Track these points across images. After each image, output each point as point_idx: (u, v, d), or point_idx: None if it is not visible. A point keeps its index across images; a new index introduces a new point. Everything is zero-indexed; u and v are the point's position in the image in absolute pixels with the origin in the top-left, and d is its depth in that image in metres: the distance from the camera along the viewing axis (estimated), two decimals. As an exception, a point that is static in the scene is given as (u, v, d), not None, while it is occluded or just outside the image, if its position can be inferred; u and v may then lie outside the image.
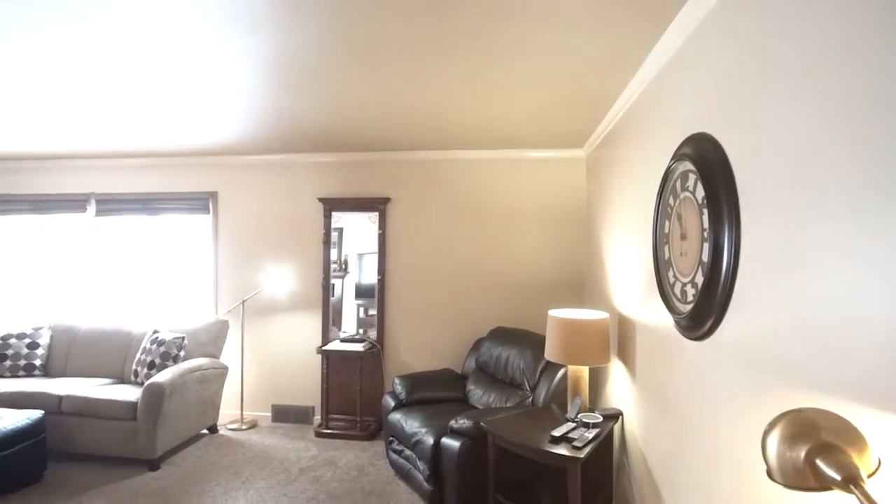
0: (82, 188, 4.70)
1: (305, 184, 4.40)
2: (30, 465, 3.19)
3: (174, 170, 4.57)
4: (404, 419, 3.23)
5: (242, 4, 1.75)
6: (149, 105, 2.94)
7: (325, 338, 4.33)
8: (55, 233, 4.86)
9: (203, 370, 3.86)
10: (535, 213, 4.10)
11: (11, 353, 4.02)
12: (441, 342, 4.18)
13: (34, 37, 2.01)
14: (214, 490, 3.17)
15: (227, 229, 4.52)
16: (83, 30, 1.95)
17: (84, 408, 3.48)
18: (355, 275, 4.45)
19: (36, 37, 2.01)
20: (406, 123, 3.33)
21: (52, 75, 2.46)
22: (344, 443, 3.93)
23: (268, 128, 3.46)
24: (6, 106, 2.97)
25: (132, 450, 3.42)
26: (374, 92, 2.68)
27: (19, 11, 1.80)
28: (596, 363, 2.63)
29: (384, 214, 4.27)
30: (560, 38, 2.00)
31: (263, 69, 2.36)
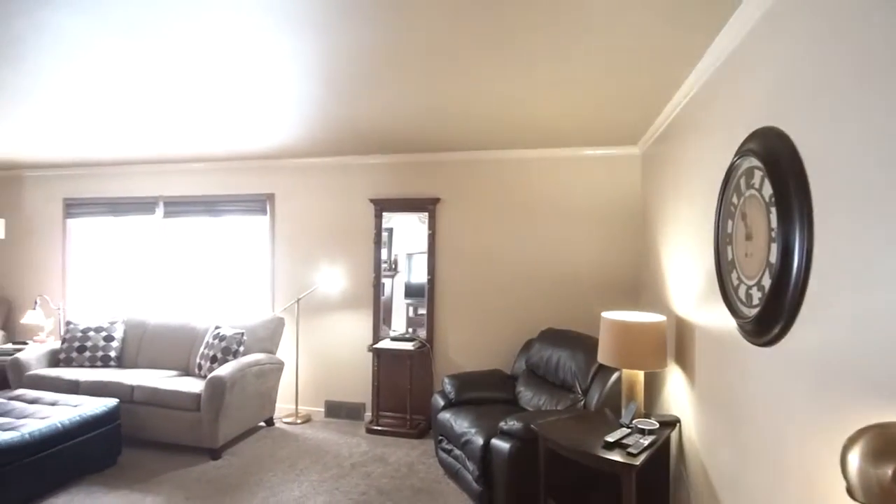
0: (152, 192, 5.01)
1: (357, 185, 4.49)
2: (106, 450, 3.42)
3: (234, 173, 4.78)
4: (454, 419, 3.24)
5: (297, 14, 1.81)
6: (211, 113, 3.09)
7: (375, 336, 4.40)
8: (128, 233, 5.20)
9: (261, 365, 4.02)
10: (587, 213, 4.00)
11: (90, 345, 4.33)
12: (490, 342, 4.17)
13: (110, 50, 2.15)
14: (271, 481, 3.29)
15: (283, 230, 4.69)
16: (154, 43, 2.07)
17: (153, 398, 3.71)
18: (405, 274, 4.51)
19: (111, 49, 2.15)
20: (456, 124, 3.33)
21: (126, 87, 2.62)
22: (394, 440, 3.99)
23: (321, 131, 3.56)
24: (87, 117, 3.20)
25: (196, 439, 3.61)
26: (424, 93, 2.70)
27: (96, 25, 1.93)
28: (652, 367, 2.54)
29: (434, 215, 4.29)
30: (617, 31, 1.94)
31: (316, 74, 2.43)
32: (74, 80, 2.53)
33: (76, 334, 4.37)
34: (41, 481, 3.02)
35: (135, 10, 1.80)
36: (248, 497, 3.07)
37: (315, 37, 2.00)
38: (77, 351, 4.30)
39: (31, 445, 2.93)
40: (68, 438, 3.15)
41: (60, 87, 2.66)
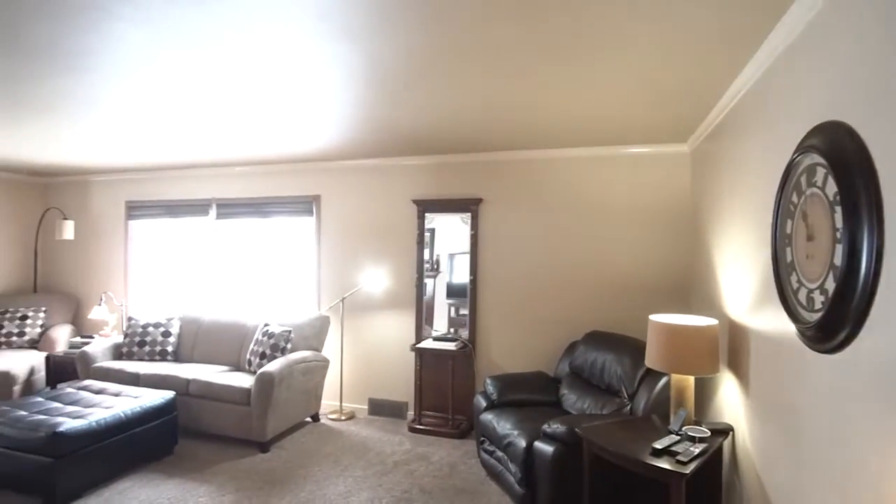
0: (206, 194, 5.23)
1: (400, 186, 4.54)
2: (164, 439, 3.60)
3: (282, 176, 4.93)
4: (496, 420, 3.22)
5: (344, 21, 1.84)
6: (261, 117, 3.20)
7: (418, 335, 4.44)
8: (184, 234, 5.45)
9: (307, 362, 4.13)
10: (633, 212, 3.90)
11: (150, 340, 4.57)
12: (533, 344, 4.13)
13: (170, 60, 2.26)
14: (317, 475, 3.38)
15: (328, 230, 4.80)
16: (210, 54, 2.16)
17: (207, 391, 3.87)
18: (446, 275, 4.53)
19: (171, 60, 2.26)
20: (499, 123, 3.32)
21: (183, 95, 2.75)
22: (436, 439, 4.01)
23: (364, 133, 3.62)
24: (147, 124, 3.38)
25: (246, 432, 3.75)
26: (466, 94, 2.70)
27: (158, 37, 2.04)
28: (703, 373, 2.44)
29: (476, 215, 4.29)
30: (667, 22, 1.88)
31: (360, 78, 2.47)
32: (137, 89, 2.68)
33: (137, 330, 4.62)
34: (106, 467, 3.21)
35: (193, 23, 1.88)
36: (296, 490, 3.16)
37: (358, 41, 2.04)
38: (138, 345, 4.55)
39: (98, 433, 3.12)
40: (130, 427, 3.33)
41: (124, 97, 2.82)
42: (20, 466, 2.98)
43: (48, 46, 2.12)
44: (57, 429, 2.94)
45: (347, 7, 1.75)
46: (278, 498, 3.07)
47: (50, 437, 2.90)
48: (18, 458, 2.98)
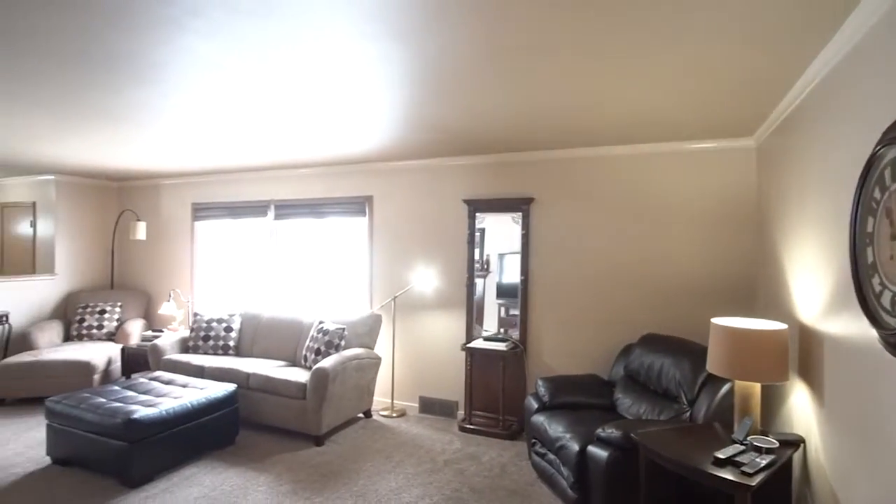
0: (265, 196, 5.46)
1: (451, 186, 4.56)
2: (226, 430, 3.78)
3: (336, 177, 5.07)
4: (548, 422, 3.18)
5: (395, 21, 1.87)
6: (316, 121, 3.29)
7: (468, 335, 4.45)
8: (244, 234, 5.70)
9: (360, 359, 4.22)
10: (693, 211, 3.74)
11: (213, 335, 4.81)
12: (586, 346, 4.04)
13: (233, 69, 2.37)
14: (369, 470, 3.45)
15: (380, 230, 4.89)
16: (270, 61, 2.25)
17: (266, 385, 4.03)
18: (496, 274, 4.51)
19: (234, 69, 2.37)
20: (552, 121, 3.27)
21: (244, 102, 2.88)
22: (486, 439, 4.00)
23: (416, 134, 3.66)
24: (211, 130, 3.56)
25: (302, 425, 3.87)
26: (518, 92, 2.67)
27: (224, 48, 2.14)
28: (770, 380, 2.31)
29: (528, 214, 4.24)
30: (731, 12, 1.79)
31: (412, 78, 2.49)
32: (202, 98, 2.83)
33: (202, 325, 4.87)
34: (174, 453, 3.41)
35: (255, 32, 1.96)
36: (349, 484, 3.24)
37: (409, 42, 2.06)
38: (202, 340, 4.80)
39: (168, 421, 3.32)
40: (196, 417, 3.52)
41: (190, 105, 2.98)
42: (101, 449, 3.21)
43: (125, 59, 2.27)
44: (132, 416, 3.15)
45: (399, 7, 1.78)
46: (333, 491, 3.15)
47: (126, 423, 3.11)
48: (99, 442, 3.22)
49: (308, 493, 3.12)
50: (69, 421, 3.36)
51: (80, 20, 1.87)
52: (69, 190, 6.07)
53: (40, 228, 6.12)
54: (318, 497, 3.07)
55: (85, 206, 6.23)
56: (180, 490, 3.13)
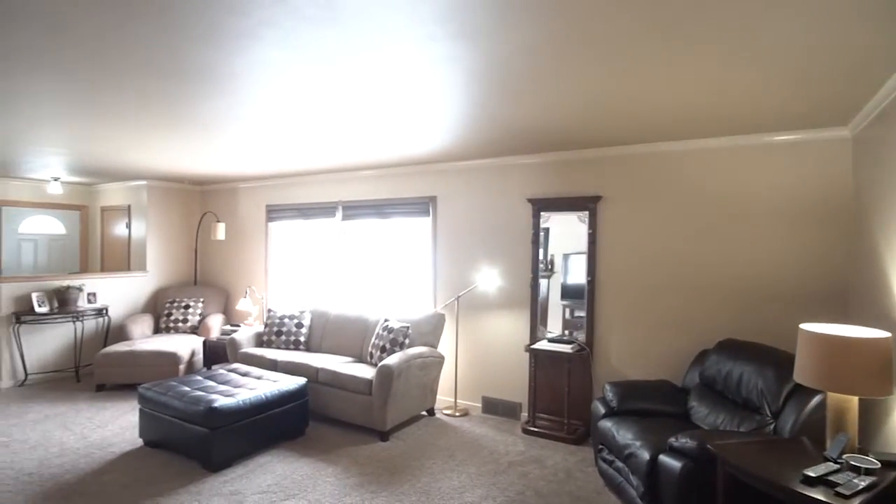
0: (332, 197, 5.65)
1: (514, 185, 4.51)
2: (297, 422, 3.95)
3: (400, 178, 5.16)
4: (616, 428, 3.06)
5: (462, 21, 1.86)
6: (381, 122, 3.36)
7: (532, 336, 4.38)
8: (314, 234, 5.93)
9: (424, 357, 4.27)
10: (777, 208, 3.47)
11: (285, 331, 5.04)
12: (657, 350, 3.86)
13: (303, 76, 2.47)
14: (432, 467, 3.47)
15: (444, 230, 4.92)
16: (337, 66, 2.32)
17: (333, 380, 4.17)
18: (561, 275, 4.40)
19: (304, 75, 2.46)
20: (620, 116, 3.15)
21: (313, 107, 2.99)
22: (550, 443, 3.92)
23: (480, 133, 3.64)
24: (283, 135, 3.73)
25: (368, 420, 3.97)
26: (585, 87, 2.59)
27: (294, 56, 2.23)
28: (870, 394, 2.09)
29: (595, 213, 4.11)
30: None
31: (477, 77, 2.48)
32: (273, 105, 2.96)
33: (275, 320, 5.12)
34: (250, 441, 3.60)
35: (323, 38, 2.03)
36: (412, 480, 3.28)
37: (476, 40, 2.05)
38: (275, 335, 5.04)
39: (244, 410, 3.51)
40: (270, 408, 3.70)
41: (262, 112, 3.13)
42: (185, 434, 3.45)
43: (206, 71, 2.42)
44: (212, 404, 3.37)
45: (466, 8, 1.77)
46: (397, 486, 3.20)
47: (207, 411, 3.33)
48: (184, 427, 3.46)
49: (374, 486, 3.20)
50: (158, 407, 3.63)
51: (164, 36, 2.01)
52: (158, 194, 6.58)
53: (134, 229, 6.68)
54: (384, 492, 3.13)
55: (172, 209, 6.74)
56: (255, 476, 3.31)
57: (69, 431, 4.06)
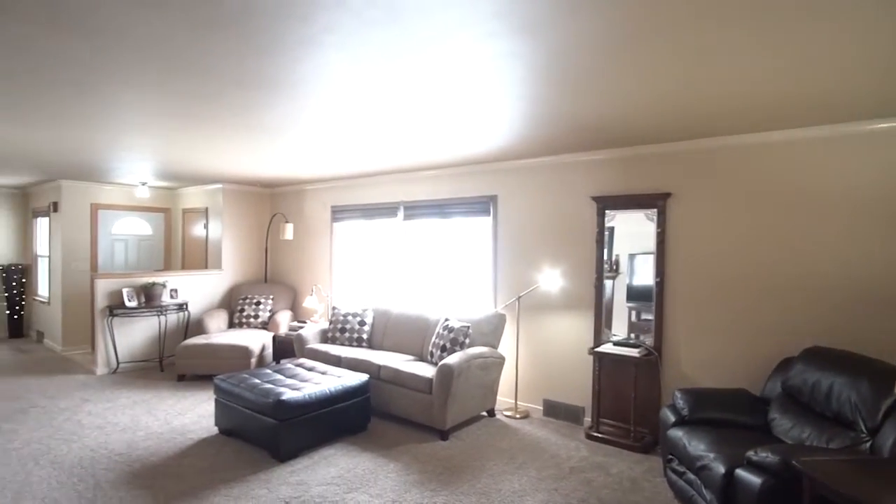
0: (394, 198, 5.74)
1: (578, 183, 4.39)
2: (359, 417, 4.03)
3: (461, 178, 5.15)
4: (687, 438, 2.90)
5: (522, 15, 1.82)
6: (441, 122, 3.36)
7: (596, 339, 4.24)
8: (376, 234, 6.06)
9: (484, 358, 4.24)
10: (872, 204, 3.14)
11: (349, 328, 5.18)
12: (732, 357, 3.62)
13: (363, 79, 2.51)
14: (492, 469, 3.44)
15: (504, 229, 4.87)
16: (397, 67, 2.34)
17: (395, 378, 4.23)
18: (626, 276, 4.23)
19: (364, 78, 2.50)
20: (692, 108, 2.97)
21: (374, 109, 3.03)
22: (615, 450, 3.78)
23: (542, 130, 3.56)
24: (343, 138, 3.82)
25: (428, 418, 3.99)
26: (657, 78, 2.46)
27: (354, 58, 2.27)
28: None
29: (664, 211, 3.92)
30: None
31: (539, 73, 2.42)
32: (336, 108, 3.03)
33: (339, 318, 5.27)
34: (314, 434, 3.71)
35: (382, 39, 2.04)
36: (472, 481, 3.26)
37: (537, 35, 1.99)
38: (339, 332, 5.19)
39: (310, 404, 3.64)
40: (334, 403, 3.81)
41: (326, 116, 3.21)
42: (256, 425, 3.62)
43: (271, 78, 2.51)
44: (281, 397, 3.51)
45: (526, 0, 1.72)
46: (457, 486, 3.20)
47: (276, 403, 3.47)
48: (255, 418, 3.63)
49: (434, 484, 3.21)
50: (231, 398, 3.83)
51: (233, 47, 2.10)
52: (233, 196, 6.97)
53: (211, 230, 7.11)
54: (444, 490, 3.13)
55: (245, 210, 7.12)
56: (320, 468, 3.41)
57: (154, 417, 4.38)
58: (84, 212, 7.05)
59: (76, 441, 3.82)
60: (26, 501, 2.94)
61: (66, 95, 2.84)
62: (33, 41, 2.09)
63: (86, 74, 2.49)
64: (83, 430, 4.05)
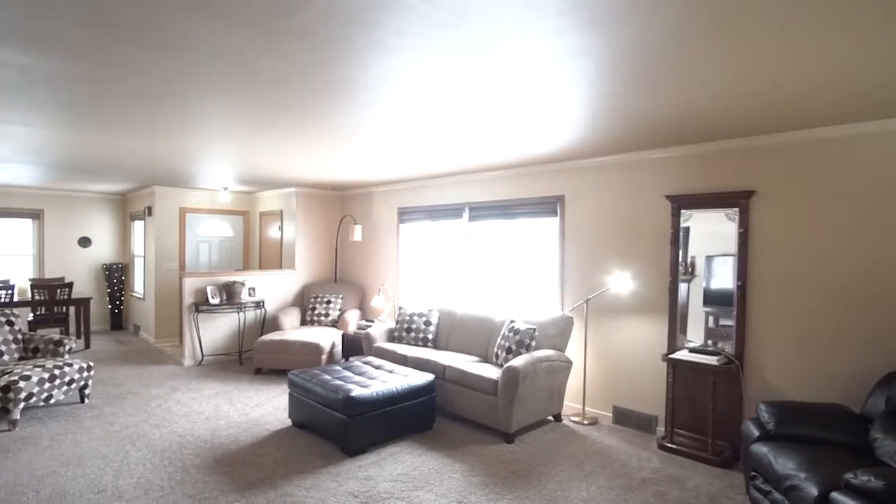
0: (459, 199, 5.76)
1: (650, 181, 4.20)
2: (425, 416, 4.08)
3: (527, 178, 5.08)
4: (773, 455, 2.68)
5: (592, 11, 1.76)
6: (506, 122, 3.33)
7: (670, 345, 4.03)
8: (442, 235, 6.11)
9: (551, 361, 4.16)
10: None
11: (415, 328, 5.25)
12: (826, 368, 3.32)
13: (427, 82, 2.53)
14: (559, 475, 3.36)
15: (572, 230, 4.75)
16: (460, 70, 2.34)
17: (460, 378, 4.24)
18: (703, 279, 3.99)
19: (428, 81, 2.52)
20: (780, 98, 2.75)
21: (437, 112, 3.05)
22: (691, 463, 3.57)
23: (612, 127, 3.44)
24: (410, 141, 3.88)
25: (493, 421, 3.97)
26: (737, 68, 2.30)
27: (416, 62, 2.29)
28: None
29: (747, 210, 3.66)
30: None
31: (609, 69, 2.33)
32: (403, 112, 3.08)
33: (405, 317, 5.36)
34: (382, 431, 3.79)
35: (447, 40, 2.05)
36: (538, 486, 3.20)
37: (606, 29, 1.92)
38: (405, 331, 5.27)
39: (378, 401, 3.72)
40: (400, 401, 3.87)
41: (394, 120, 3.27)
42: (326, 419, 3.76)
43: (342, 84, 2.59)
44: (350, 393, 3.61)
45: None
46: (522, 490, 3.15)
47: (346, 399, 3.58)
48: (325, 413, 3.76)
49: (499, 488, 3.18)
50: (304, 392, 4.00)
51: (308, 55, 2.19)
52: (305, 199, 7.29)
53: (285, 231, 7.48)
54: (509, 494, 3.10)
55: (316, 213, 7.42)
56: (387, 464, 3.48)
57: (234, 407, 4.65)
58: (174, 215, 7.64)
59: (166, 426, 4.13)
60: (125, 479, 3.21)
61: (157, 107, 3.09)
62: (131, 58, 2.28)
63: (175, 86, 2.69)
64: (172, 416, 4.38)
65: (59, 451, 3.62)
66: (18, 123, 3.52)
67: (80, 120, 3.42)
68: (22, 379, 4.01)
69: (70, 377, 4.43)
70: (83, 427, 4.10)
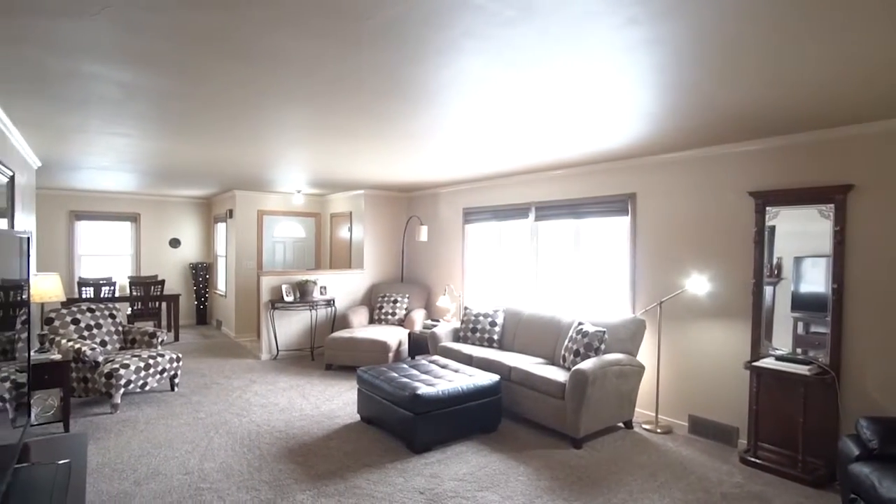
0: (525, 198, 5.69)
1: (731, 177, 3.94)
2: (491, 416, 4.06)
3: (595, 176, 4.93)
4: (878, 477, 2.43)
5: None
6: (575, 119, 3.24)
7: (754, 352, 3.76)
8: (507, 235, 6.06)
9: (621, 365, 4.01)
10: None
11: (480, 328, 5.24)
12: (941, 383, 2.96)
13: (499, 81, 2.51)
14: (630, 485, 3.23)
15: (644, 229, 4.55)
16: (532, 69, 2.30)
17: (525, 380, 4.18)
18: (791, 282, 3.69)
19: (500, 81, 2.51)
20: (883, 82, 2.49)
21: (507, 111, 3.02)
22: (778, 480, 3.31)
23: (687, 121, 3.26)
24: (478, 142, 3.87)
25: (560, 424, 3.88)
26: (831, 50, 2.11)
27: (491, 63, 2.28)
28: None
29: (843, 206, 3.35)
30: None
31: (684, 58, 2.21)
32: (471, 112, 3.08)
33: (471, 318, 5.36)
34: (447, 429, 3.81)
35: (518, 39, 2.03)
36: (608, 494, 3.09)
37: (682, 17, 1.81)
38: (471, 331, 5.28)
39: (444, 400, 3.75)
40: (466, 401, 3.88)
41: (462, 120, 3.28)
42: (393, 416, 3.83)
43: (413, 87, 2.63)
44: (417, 391, 3.67)
45: (679, -21, 1.59)
46: (590, 497, 3.05)
47: (413, 397, 3.63)
48: (392, 409, 3.84)
49: (566, 493, 3.10)
50: (372, 388, 4.10)
51: (380, 59, 2.24)
52: (373, 201, 7.49)
53: (354, 232, 7.72)
54: (576, 501, 3.01)
55: (383, 214, 7.61)
56: (452, 463, 3.49)
57: (306, 400, 4.86)
58: (252, 217, 8.11)
59: (245, 416, 4.39)
60: (209, 463, 3.44)
61: (242, 118, 3.29)
62: (220, 72, 2.44)
63: (258, 97, 2.86)
64: (251, 406, 4.64)
65: (153, 434, 3.95)
66: (119, 135, 3.87)
67: (172, 131, 3.72)
68: (122, 367, 4.41)
69: (162, 367, 4.82)
70: (173, 413, 4.44)
